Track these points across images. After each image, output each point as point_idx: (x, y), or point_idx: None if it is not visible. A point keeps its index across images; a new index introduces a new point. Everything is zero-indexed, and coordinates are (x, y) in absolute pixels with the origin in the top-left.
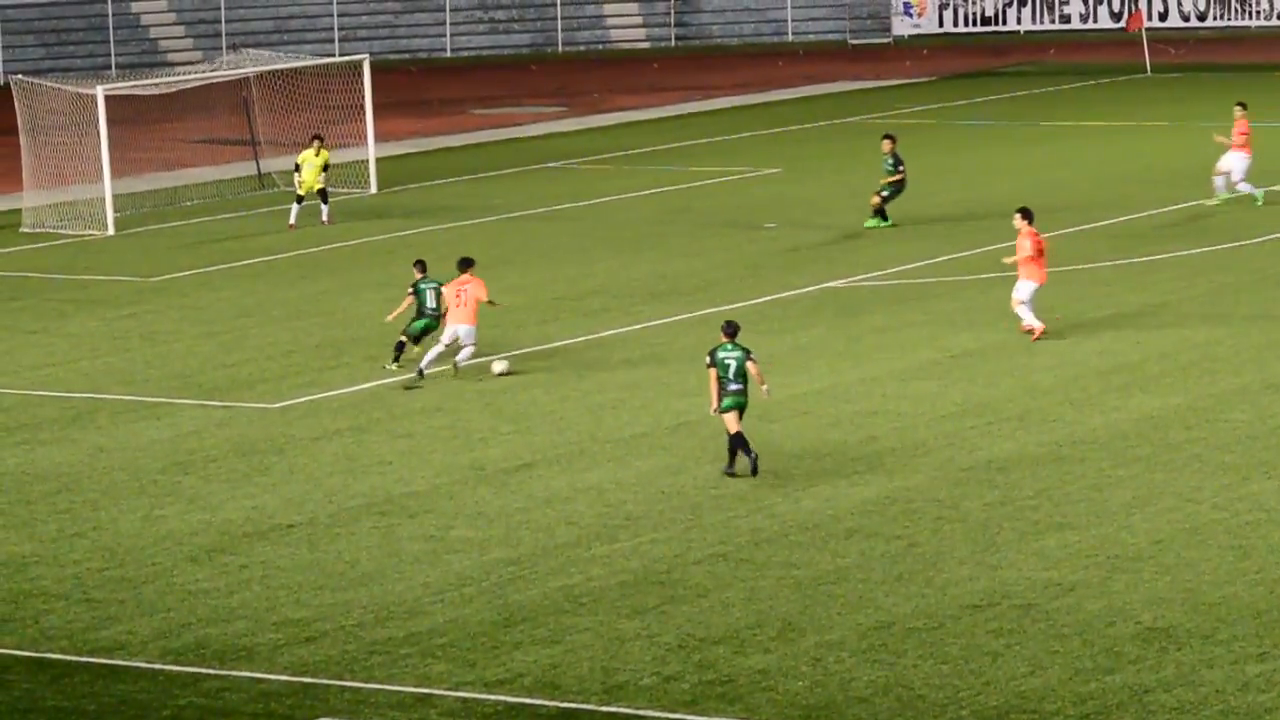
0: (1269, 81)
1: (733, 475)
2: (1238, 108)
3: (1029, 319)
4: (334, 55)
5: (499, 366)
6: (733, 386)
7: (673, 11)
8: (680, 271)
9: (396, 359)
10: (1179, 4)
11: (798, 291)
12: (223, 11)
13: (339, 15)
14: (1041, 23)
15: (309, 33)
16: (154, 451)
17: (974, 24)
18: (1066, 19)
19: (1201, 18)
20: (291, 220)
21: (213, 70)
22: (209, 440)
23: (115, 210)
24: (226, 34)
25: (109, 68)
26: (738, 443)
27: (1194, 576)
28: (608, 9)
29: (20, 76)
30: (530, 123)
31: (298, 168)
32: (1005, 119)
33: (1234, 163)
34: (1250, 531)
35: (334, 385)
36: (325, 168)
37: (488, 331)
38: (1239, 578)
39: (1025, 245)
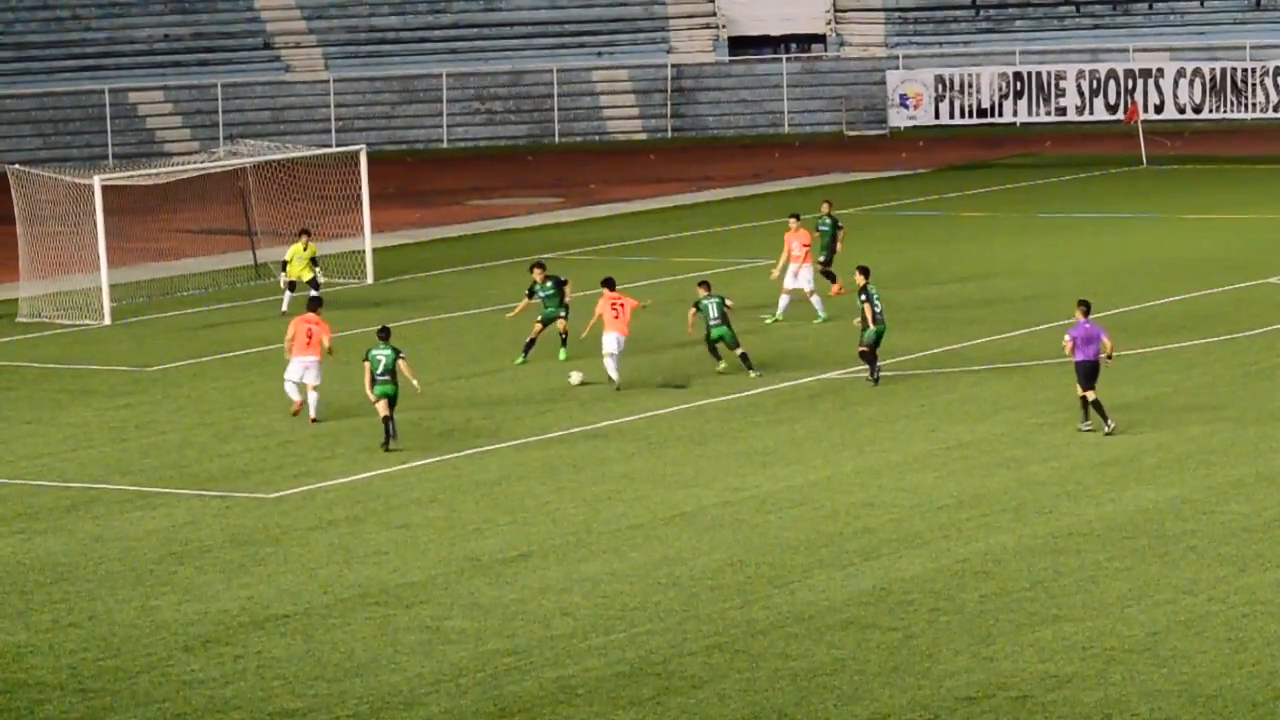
0: (1264, 174)
1: (387, 449)
2: (792, 219)
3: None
4: (331, 146)
5: (576, 377)
6: (381, 378)
7: (669, 103)
8: (676, 362)
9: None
10: (1175, 96)
11: (794, 383)
12: (220, 102)
13: (336, 106)
14: (1037, 115)
15: (306, 123)
16: (150, 541)
17: (970, 116)
18: (1062, 111)
19: (1197, 110)
20: (284, 308)
21: (210, 160)
22: (205, 530)
23: (112, 300)
24: (224, 124)
25: (106, 157)
26: (388, 424)
27: (1191, 669)
28: (604, 100)
29: (17, 166)
30: (526, 214)
31: (284, 265)
32: (1001, 210)
33: (805, 276)
34: (1247, 624)
35: (330, 475)
36: (314, 260)
37: (482, 423)
38: (1236, 670)
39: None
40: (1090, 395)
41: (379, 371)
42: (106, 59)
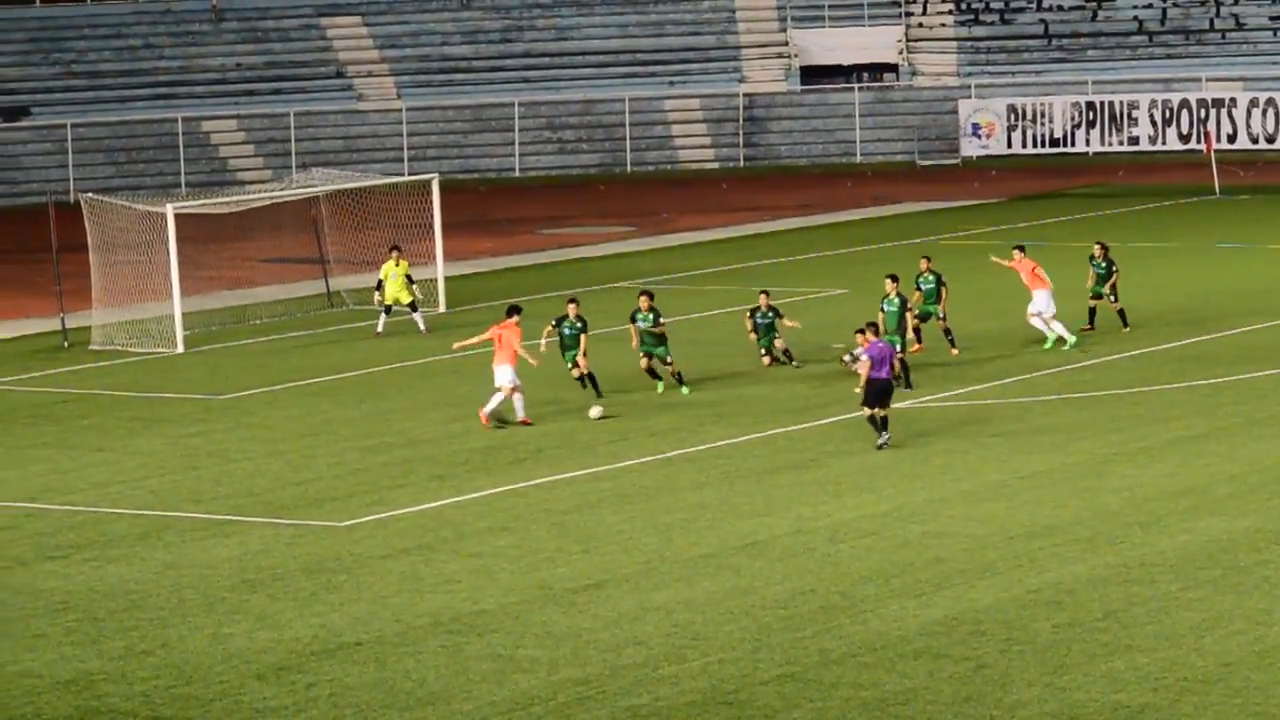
0: None
1: None
2: (1017, 251)
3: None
4: (403, 174)
5: (595, 411)
6: None
7: (741, 132)
8: (748, 393)
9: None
10: (1248, 126)
11: (864, 413)
12: (292, 130)
13: (408, 135)
14: (1110, 144)
15: (378, 152)
16: (222, 569)
17: (1043, 145)
18: (1135, 140)
19: (1270, 140)
20: (380, 329)
21: (282, 189)
22: (277, 558)
23: (184, 328)
24: (296, 153)
25: (179, 186)
26: None
27: (1264, 700)
28: (675, 129)
29: (90, 195)
30: (598, 243)
31: (380, 285)
32: (1073, 240)
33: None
34: None
35: (401, 504)
36: (409, 279)
37: (554, 451)
38: None
39: None
40: (880, 412)
41: None
42: (179, 88)
